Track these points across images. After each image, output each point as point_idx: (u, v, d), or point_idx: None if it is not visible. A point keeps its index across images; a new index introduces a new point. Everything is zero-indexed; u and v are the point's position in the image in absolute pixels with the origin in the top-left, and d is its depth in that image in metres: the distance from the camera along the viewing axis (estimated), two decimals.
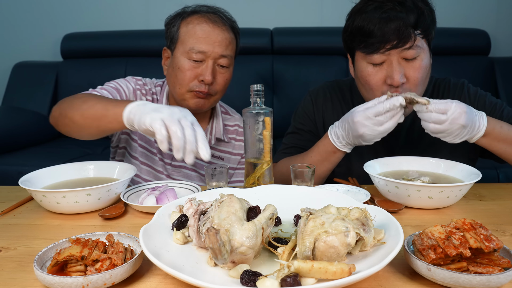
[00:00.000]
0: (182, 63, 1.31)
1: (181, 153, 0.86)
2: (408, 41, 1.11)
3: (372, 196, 1.06)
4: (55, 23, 3.17)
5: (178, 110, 0.90)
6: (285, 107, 2.76)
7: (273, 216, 0.71)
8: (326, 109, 1.42)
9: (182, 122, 0.87)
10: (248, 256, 0.65)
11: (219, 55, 1.30)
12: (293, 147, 1.41)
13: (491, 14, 3.05)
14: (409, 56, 1.14)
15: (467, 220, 0.67)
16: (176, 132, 0.85)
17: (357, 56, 1.23)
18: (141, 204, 0.98)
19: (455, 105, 1.02)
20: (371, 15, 1.13)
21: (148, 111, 0.90)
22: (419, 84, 1.17)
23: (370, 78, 1.18)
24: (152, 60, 2.89)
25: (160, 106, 0.91)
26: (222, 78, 1.34)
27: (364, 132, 1.07)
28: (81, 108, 1.07)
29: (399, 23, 1.10)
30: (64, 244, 0.72)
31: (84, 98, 1.11)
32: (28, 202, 1.09)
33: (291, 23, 3.02)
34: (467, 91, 1.35)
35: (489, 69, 2.81)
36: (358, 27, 1.16)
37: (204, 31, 1.30)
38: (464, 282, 0.60)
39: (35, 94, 2.91)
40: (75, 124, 1.09)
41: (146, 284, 0.66)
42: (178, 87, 1.34)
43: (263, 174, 1.05)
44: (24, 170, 1.21)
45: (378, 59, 1.15)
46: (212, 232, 0.60)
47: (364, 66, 1.19)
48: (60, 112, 1.14)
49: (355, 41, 1.19)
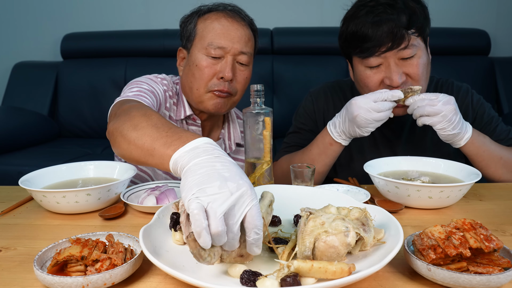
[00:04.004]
0: (200, 60, 1.26)
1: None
2: (402, 41, 1.13)
3: (372, 196, 1.06)
4: (55, 23, 3.17)
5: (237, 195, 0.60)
6: (285, 107, 2.76)
7: (271, 203, 0.70)
8: (327, 109, 1.43)
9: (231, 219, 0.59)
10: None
11: (238, 51, 1.26)
12: (294, 146, 1.42)
13: (491, 14, 3.05)
14: (406, 55, 1.15)
15: (467, 220, 0.67)
16: (218, 236, 0.59)
17: (354, 61, 1.24)
18: (141, 204, 0.98)
19: (443, 94, 1.09)
20: (363, 20, 1.15)
21: (192, 185, 0.60)
22: (420, 79, 1.18)
23: (369, 80, 1.20)
24: (152, 60, 2.90)
25: (215, 174, 0.61)
26: (242, 76, 1.30)
27: (359, 114, 1.08)
28: (129, 136, 0.83)
29: (391, 25, 1.12)
30: (64, 244, 0.71)
31: (135, 120, 0.85)
32: (28, 202, 1.09)
33: (291, 23, 3.02)
34: (471, 96, 1.37)
35: (489, 69, 2.81)
36: (352, 33, 1.18)
37: (223, 26, 1.26)
38: (464, 282, 0.60)
39: (35, 94, 2.91)
40: (123, 147, 0.87)
41: (146, 284, 0.66)
42: (196, 87, 1.28)
43: (263, 174, 1.05)
44: (24, 170, 1.21)
45: (375, 61, 1.17)
46: (191, 238, 0.59)
47: (362, 70, 1.21)
48: (116, 128, 0.89)
49: (351, 46, 1.21)
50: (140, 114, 0.88)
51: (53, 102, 2.94)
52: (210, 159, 0.63)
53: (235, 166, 0.64)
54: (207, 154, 0.64)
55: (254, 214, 0.60)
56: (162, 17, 3.10)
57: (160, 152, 0.73)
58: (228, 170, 0.62)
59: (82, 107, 2.89)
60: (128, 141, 0.83)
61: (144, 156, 0.79)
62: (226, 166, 0.63)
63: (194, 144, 0.67)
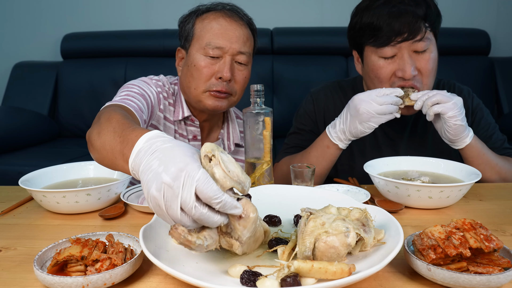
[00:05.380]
0: (198, 60, 1.26)
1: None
2: (418, 33, 1.14)
3: (372, 196, 1.06)
4: (55, 23, 3.17)
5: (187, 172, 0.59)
6: (285, 107, 2.76)
7: (208, 151, 0.64)
8: (327, 109, 1.43)
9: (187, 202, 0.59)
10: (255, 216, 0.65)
11: (236, 51, 1.26)
12: (294, 147, 1.42)
13: (491, 14, 3.05)
14: (419, 49, 1.16)
15: (467, 220, 0.67)
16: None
17: (366, 51, 1.24)
18: (141, 204, 0.98)
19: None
20: (380, 11, 1.16)
21: (150, 173, 0.62)
22: (430, 75, 1.20)
23: (381, 71, 1.20)
24: (152, 60, 2.90)
25: (167, 161, 0.61)
26: (241, 76, 1.29)
27: (362, 106, 1.10)
28: (95, 145, 0.86)
29: (410, 16, 1.13)
30: (64, 244, 0.71)
31: (100, 127, 0.87)
32: (28, 202, 1.09)
33: (291, 23, 3.02)
34: (472, 99, 1.38)
35: (489, 69, 2.81)
36: (368, 23, 1.19)
37: (221, 26, 1.25)
38: (464, 282, 0.60)
39: (35, 94, 2.91)
40: (94, 156, 0.89)
41: (146, 284, 0.66)
42: (194, 87, 1.28)
43: (263, 174, 1.05)
44: (24, 170, 1.21)
45: (389, 52, 1.18)
46: (172, 229, 0.59)
47: (375, 60, 1.21)
48: (88, 137, 0.92)
49: (365, 36, 1.21)
50: (105, 119, 0.88)
51: (53, 102, 2.94)
52: (149, 161, 0.63)
53: (171, 149, 0.63)
54: (146, 156, 0.64)
55: (202, 189, 0.59)
56: (162, 17, 3.10)
57: (121, 164, 0.75)
58: (162, 163, 0.61)
59: (82, 107, 2.89)
60: (96, 151, 0.85)
61: (112, 165, 0.80)
62: (161, 158, 0.62)
63: (137, 149, 0.68)
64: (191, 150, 0.63)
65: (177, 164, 0.59)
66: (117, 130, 0.80)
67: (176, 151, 0.62)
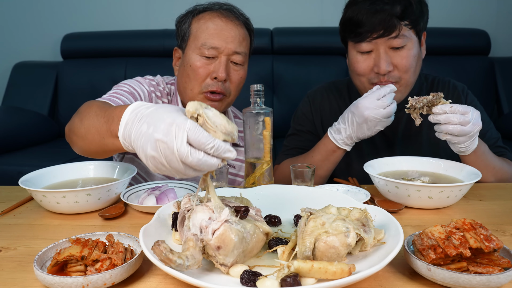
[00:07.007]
0: (194, 60, 1.26)
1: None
2: (393, 30, 1.17)
3: (372, 196, 1.06)
4: (55, 23, 3.17)
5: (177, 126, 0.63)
6: (285, 107, 2.76)
7: (194, 110, 0.64)
8: (323, 109, 1.45)
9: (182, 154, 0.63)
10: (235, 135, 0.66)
11: (232, 51, 1.25)
12: (293, 149, 1.43)
13: (491, 14, 3.05)
14: (395, 45, 1.19)
15: (467, 220, 0.67)
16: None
17: (349, 46, 1.29)
18: (141, 204, 0.98)
19: (473, 108, 1.07)
20: (360, 7, 1.20)
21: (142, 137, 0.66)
22: (408, 71, 1.22)
23: (359, 65, 1.24)
24: (152, 60, 2.90)
25: (155, 122, 0.65)
26: (236, 76, 1.29)
27: (369, 114, 1.11)
28: (82, 125, 0.92)
29: (385, 14, 1.17)
30: (64, 244, 0.71)
31: (81, 115, 0.95)
32: (28, 202, 1.09)
33: (291, 23, 3.02)
34: (466, 96, 1.38)
35: (489, 69, 2.81)
36: (349, 18, 1.23)
37: (216, 26, 1.25)
38: (464, 282, 0.60)
39: (35, 94, 2.91)
40: (79, 145, 0.96)
41: (146, 284, 0.66)
42: (190, 89, 1.28)
43: (263, 174, 1.05)
44: (24, 170, 1.21)
45: (366, 47, 1.22)
46: (155, 245, 0.59)
47: (354, 55, 1.26)
48: (69, 128, 1.01)
49: (347, 31, 1.26)
50: (84, 108, 0.97)
51: (53, 102, 2.94)
52: (138, 127, 0.67)
53: (155, 111, 0.66)
54: (134, 125, 0.69)
55: (193, 137, 0.62)
56: (162, 17, 3.10)
57: (111, 141, 0.80)
58: (151, 125, 0.65)
59: None
60: (81, 138, 0.92)
61: (100, 147, 0.86)
62: (148, 122, 0.66)
63: (124, 121, 0.71)
64: (175, 107, 0.67)
65: (165, 120, 0.63)
66: (99, 113, 0.87)
67: (161, 111, 0.66)
